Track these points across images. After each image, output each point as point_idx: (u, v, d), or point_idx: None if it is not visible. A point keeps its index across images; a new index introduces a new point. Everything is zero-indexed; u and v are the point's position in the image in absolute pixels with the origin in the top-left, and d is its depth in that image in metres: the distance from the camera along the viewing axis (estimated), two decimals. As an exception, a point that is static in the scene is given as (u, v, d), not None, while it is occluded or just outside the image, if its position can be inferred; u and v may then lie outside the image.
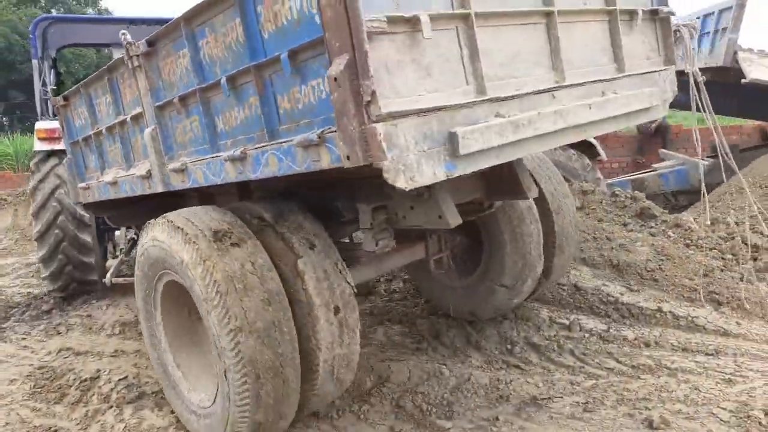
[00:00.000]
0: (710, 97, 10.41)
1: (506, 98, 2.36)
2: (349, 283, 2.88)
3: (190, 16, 2.62)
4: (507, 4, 2.45)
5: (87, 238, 5.64)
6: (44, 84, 5.96)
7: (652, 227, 5.75)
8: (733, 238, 5.58)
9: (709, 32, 8.47)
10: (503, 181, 3.36)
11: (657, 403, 3.23)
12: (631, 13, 3.04)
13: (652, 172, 9.48)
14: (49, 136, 5.66)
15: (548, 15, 2.58)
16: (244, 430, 2.74)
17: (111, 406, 3.54)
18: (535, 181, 3.71)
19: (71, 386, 3.83)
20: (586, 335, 4.30)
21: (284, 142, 2.33)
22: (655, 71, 3.16)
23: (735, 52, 7.94)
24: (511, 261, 3.90)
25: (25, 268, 7.64)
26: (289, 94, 2.30)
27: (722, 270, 5.05)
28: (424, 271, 4.34)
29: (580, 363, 3.92)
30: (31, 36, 5.95)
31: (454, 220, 2.94)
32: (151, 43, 2.95)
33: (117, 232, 5.91)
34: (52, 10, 42.42)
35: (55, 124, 5.39)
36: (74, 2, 42.77)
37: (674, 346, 4.13)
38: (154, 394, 3.68)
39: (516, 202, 3.77)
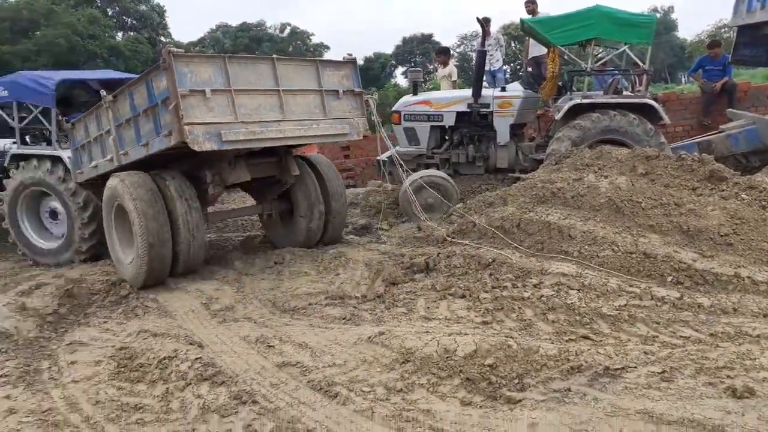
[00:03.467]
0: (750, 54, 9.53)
1: (252, 122, 5.63)
2: (196, 208, 6.02)
3: (132, 84, 5.95)
4: (255, 85, 5.70)
5: None
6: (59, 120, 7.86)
7: (723, 190, 5.48)
8: (815, 198, 5.26)
9: None
10: (283, 166, 6.71)
11: (740, 371, 3.10)
12: (336, 92, 6.28)
13: (719, 134, 8.99)
14: None
15: (278, 91, 5.84)
16: (143, 273, 5.79)
17: (188, 383, 3.68)
18: (313, 166, 7.12)
19: (151, 365, 4.01)
20: (659, 304, 4.17)
21: (156, 137, 5.74)
22: (350, 117, 6.42)
23: None
24: (304, 211, 6.96)
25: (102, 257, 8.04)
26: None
27: (804, 231, 4.77)
28: (269, 225, 7.57)
29: (653, 332, 3.81)
30: (53, 93, 7.58)
31: (244, 178, 6.32)
32: (114, 96, 6.16)
33: None
34: (108, 10, 43.67)
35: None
36: (129, 0, 43.87)
37: (754, 312, 3.95)
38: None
39: (306, 179, 6.96)
